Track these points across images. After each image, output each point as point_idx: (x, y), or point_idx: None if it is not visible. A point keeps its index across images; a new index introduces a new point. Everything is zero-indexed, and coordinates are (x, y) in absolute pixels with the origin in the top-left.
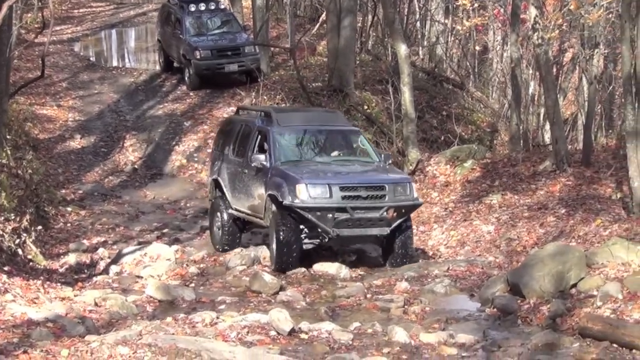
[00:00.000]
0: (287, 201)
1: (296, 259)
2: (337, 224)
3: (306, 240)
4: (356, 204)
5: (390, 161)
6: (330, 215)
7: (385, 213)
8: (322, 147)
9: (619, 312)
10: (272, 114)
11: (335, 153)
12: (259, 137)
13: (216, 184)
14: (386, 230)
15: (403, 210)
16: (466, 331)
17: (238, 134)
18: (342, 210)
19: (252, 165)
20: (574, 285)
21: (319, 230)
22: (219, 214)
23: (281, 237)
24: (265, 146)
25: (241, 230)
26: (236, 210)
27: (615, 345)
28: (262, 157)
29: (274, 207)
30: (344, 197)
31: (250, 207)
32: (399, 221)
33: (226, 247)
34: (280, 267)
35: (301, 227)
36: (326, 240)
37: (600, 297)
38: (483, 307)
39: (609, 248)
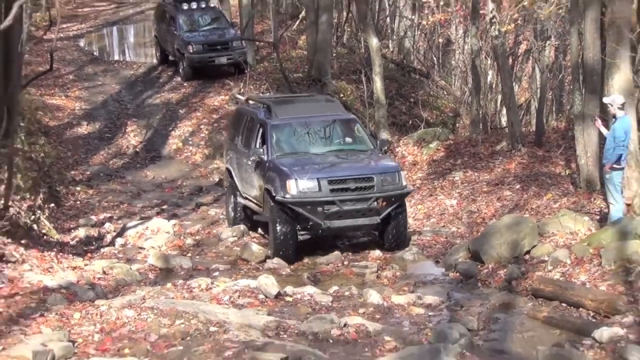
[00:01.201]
0: (280, 196)
1: (293, 250)
2: (328, 217)
3: (302, 232)
4: (345, 196)
5: (386, 147)
6: (320, 209)
7: (374, 203)
8: (318, 138)
9: (567, 275)
10: (272, 106)
11: (331, 143)
12: (261, 129)
13: (229, 172)
14: (376, 220)
15: (393, 199)
16: (432, 293)
17: (245, 125)
18: (332, 203)
19: (252, 158)
20: (528, 252)
21: (311, 223)
22: (232, 198)
23: (277, 230)
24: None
25: (251, 215)
26: (245, 198)
27: (564, 304)
28: (260, 150)
29: (270, 201)
30: (332, 190)
31: (254, 197)
32: (389, 210)
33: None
34: (278, 257)
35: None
36: (320, 231)
37: (550, 262)
38: (447, 272)
39: (559, 219)
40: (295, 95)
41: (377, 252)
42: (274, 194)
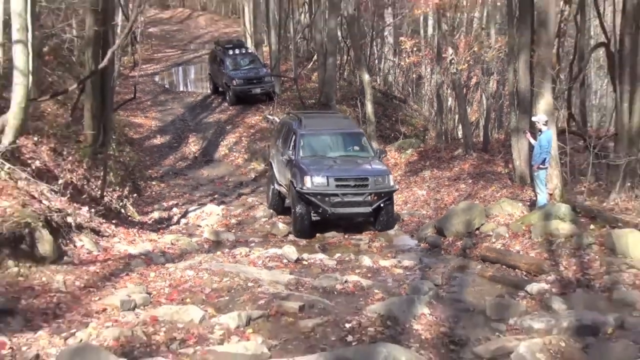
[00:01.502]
0: (299, 187)
1: (308, 227)
2: (333, 205)
3: (314, 215)
4: (346, 191)
5: (384, 155)
6: (328, 199)
7: (368, 197)
8: (334, 145)
9: (506, 245)
10: (303, 120)
11: (342, 149)
12: (293, 136)
13: (270, 165)
14: (369, 209)
15: (382, 194)
16: (409, 258)
17: (284, 131)
18: (336, 195)
19: (285, 157)
20: (478, 229)
21: (320, 209)
22: (271, 185)
23: (297, 212)
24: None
25: (283, 199)
26: (279, 185)
27: (504, 266)
28: (290, 152)
29: (293, 190)
30: (337, 186)
31: (285, 185)
32: (379, 202)
33: (275, 207)
34: (297, 233)
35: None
36: (327, 215)
37: (494, 236)
38: (419, 243)
39: (500, 204)
40: (322, 112)
41: (369, 229)
42: (295, 186)
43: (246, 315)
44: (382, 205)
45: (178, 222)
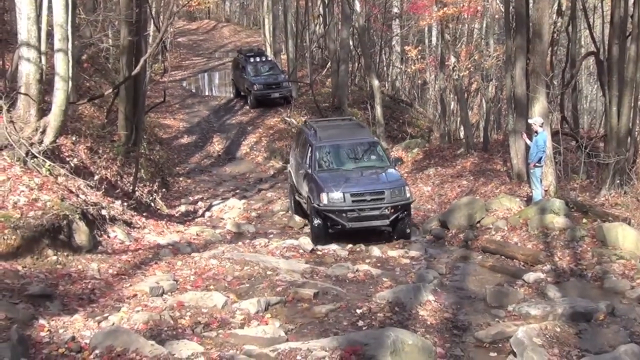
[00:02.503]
0: (316, 204)
1: (324, 238)
2: (350, 220)
3: (331, 229)
4: (363, 205)
5: (400, 163)
6: (345, 214)
7: (385, 210)
8: (349, 156)
9: (505, 237)
10: (318, 131)
11: (358, 161)
12: (310, 147)
13: (290, 175)
14: (386, 222)
15: (399, 207)
16: (415, 249)
17: (301, 141)
18: (353, 210)
19: (301, 171)
20: (478, 222)
21: (338, 223)
22: (291, 195)
23: (315, 225)
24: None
25: (303, 209)
26: (299, 195)
27: (503, 257)
28: (307, 165)
29: (310, 205)
30: (354, 201)
31: (304, 197)
32: (395, 215)
33: (298, 214)
34: (316, 244)
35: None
36: (345, 229)
37: (494, 229)
38: (425, 235)
39: (499, 200)
40: (337, 120)
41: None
42: (312, 201)
43: (265, 301)
44: (399, 216)
45: (203, 215)
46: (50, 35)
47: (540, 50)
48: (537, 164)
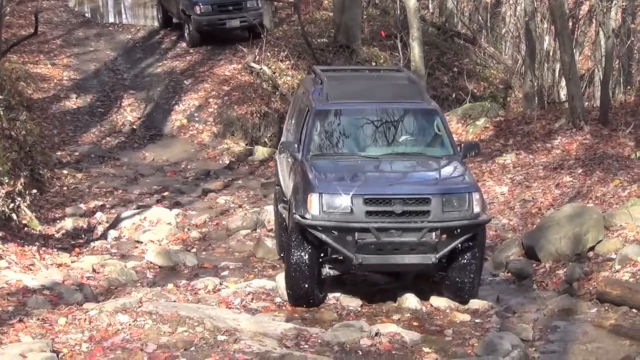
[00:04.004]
0: (299, 214)
1: (312, 288)
2: (361, 248)
3: (329, 269)
4: (386, 221)
5: (473, 153)
6: (351, 237)
7: (430, 235)
8: (378, 134)
9: (639, 275)
10: (325, 84)
11: (395, 143)
12: (308, 115)
13: (277, 172)
14: (431, 259)
15: (457, 231)
16: (479, 296)
17: (296, 105)
18: (366, 230)
19: (288, 157)
20: (592, 248)
21: (339, 255)
22: (275, 205)
23: (293, 262)
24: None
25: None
26: (284, 205)
27: (634, 310)
28: (295, 146)
29: (291, 219)
30: (369, 213)
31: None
32: (451, 246)
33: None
34: (291, 297)
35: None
36: (352, 268)
37: (618, 260)
38: (497, 272)
39: (628, 209)
40: (365, 69)
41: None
42: (294, 211)
43: None
44: (458, 250)
45: (104, 236)
46: None
47: None
48: None
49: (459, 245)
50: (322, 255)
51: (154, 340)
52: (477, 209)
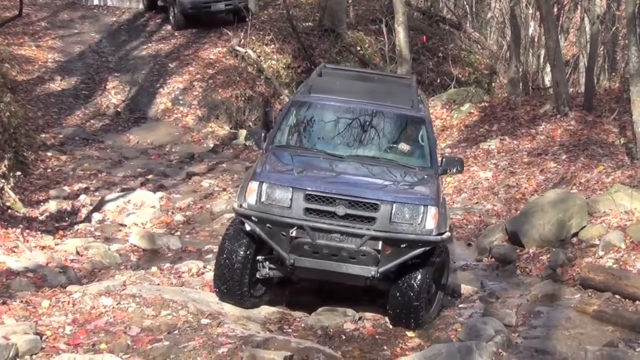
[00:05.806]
0: (237, 203)
1: (242, 286)
2: (295, 248)
3: (268, 267)
4: (326, 222)
5: (454, 170)
6: (285, 234)
7: (373, 245)
8: (354, 135)
9: (622, 262)
10: (315, 78)
11: (369, 146)
12: (287, 106)
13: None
14: (371, 272)
15: (405, 247)
16: (463, 282)
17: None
18: (302, 228)
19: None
20: (575, 234)
21: (274, 252)
22: None
23: (224, 257)
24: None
25: None
26: None
27: (617, 296)
28: (260, 134)
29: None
30: (308, 210)
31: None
32: (397, 261)
33: None
34: (220, 292)
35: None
36: (288, 269)
37: (602, 247)
38: (480, 257)
39: (612, 195)
40: (375, 73)
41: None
42: (235, 199)
43: None
44: (405, 270)
45: (88, 219)
46: None
47: None
48: None
49: (409, 263)
50: (263, 252)
51: (138, 324)
52: (430, 225)
